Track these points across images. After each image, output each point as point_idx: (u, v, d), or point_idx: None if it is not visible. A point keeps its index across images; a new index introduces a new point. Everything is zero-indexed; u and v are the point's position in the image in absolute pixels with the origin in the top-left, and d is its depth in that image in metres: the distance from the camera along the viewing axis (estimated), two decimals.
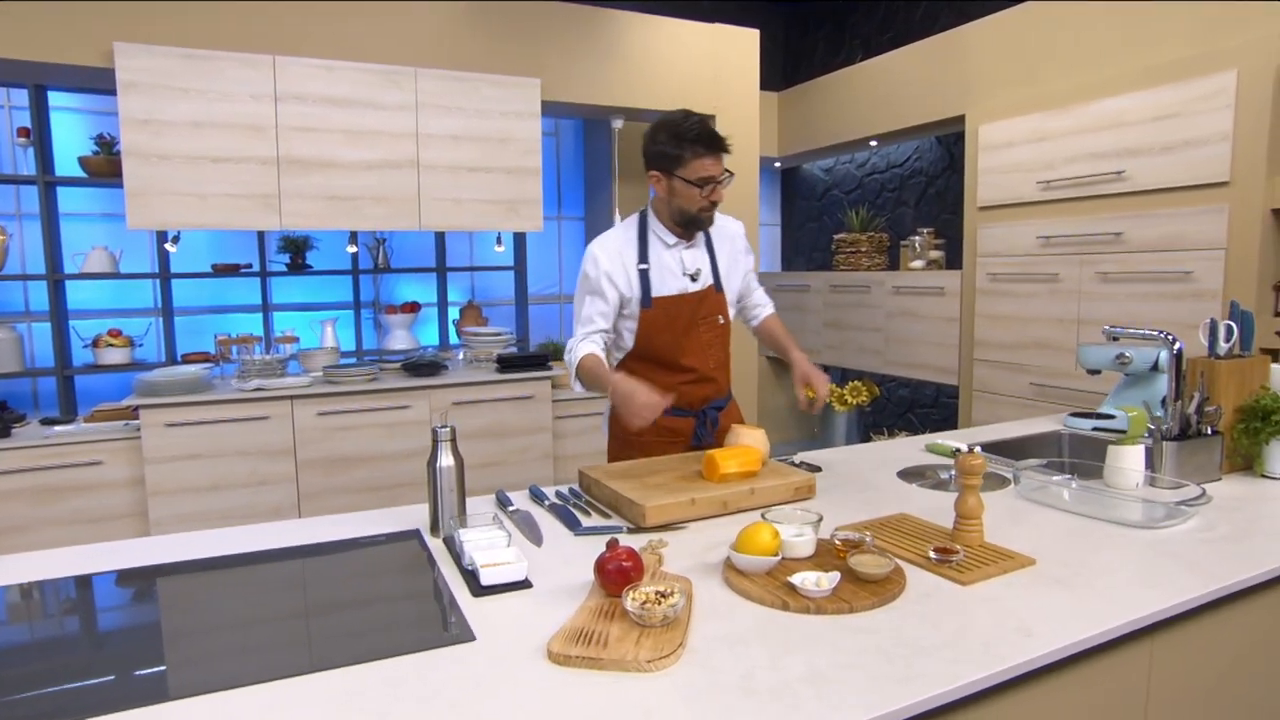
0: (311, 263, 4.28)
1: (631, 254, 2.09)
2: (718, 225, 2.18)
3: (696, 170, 1.96)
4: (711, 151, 1.96)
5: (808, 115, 5.21)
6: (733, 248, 2.21)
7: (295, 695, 1.03)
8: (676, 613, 1.19)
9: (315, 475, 3.37)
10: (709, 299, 2.14)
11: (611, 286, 2.08)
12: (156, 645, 1.23)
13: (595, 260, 2.08)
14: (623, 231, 2.14)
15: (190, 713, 0.99)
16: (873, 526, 1.63)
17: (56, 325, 3.68)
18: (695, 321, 2.13)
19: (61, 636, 1.30)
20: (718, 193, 2.01)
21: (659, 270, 2.10)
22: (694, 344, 2.14)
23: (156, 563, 1.50)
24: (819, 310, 5.04)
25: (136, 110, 3.05)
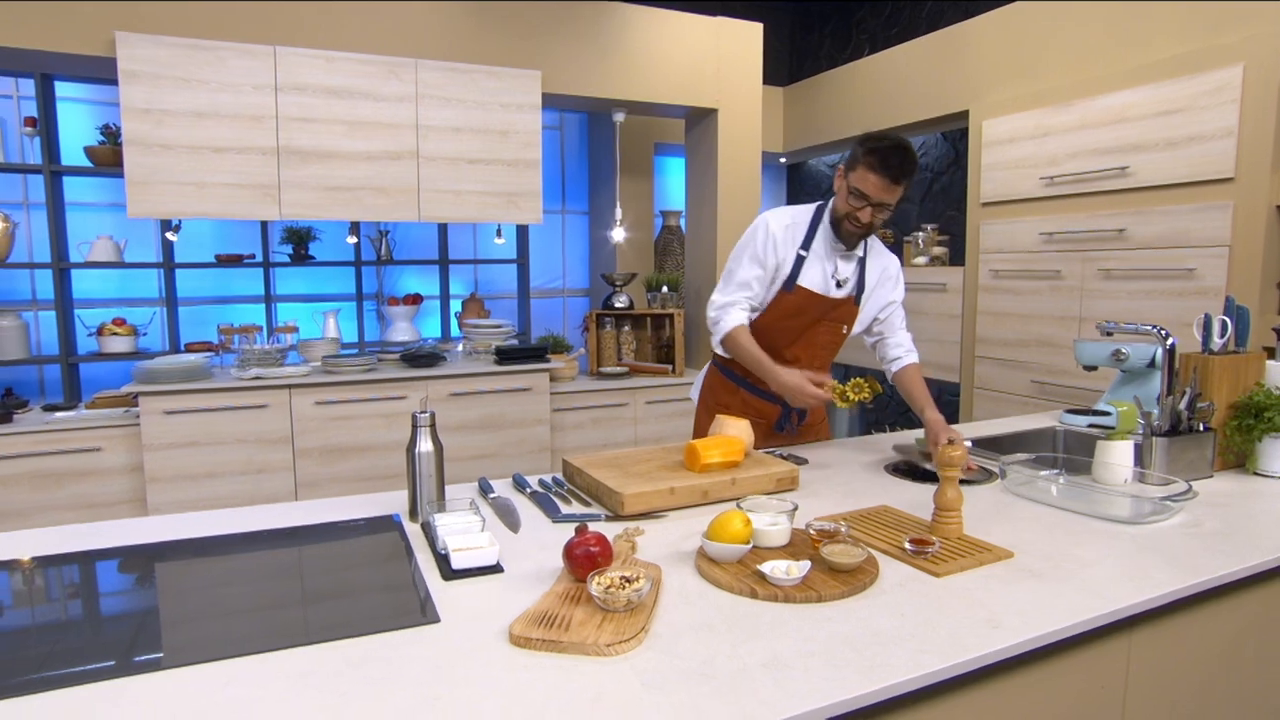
0: (314, 254, 4.31)
1: (800, 235, 2.14)
2: (876, 251, 2.25)
3: (861, 180, 1.99)
4: (881, 170, 1.95)
5: (813, 111, 5.18)
6: (882, 278, 2.25)
7: (253, 673, 1.03)
8: (640, 598, 1.19)
9: (312, 464, 3.39)
10: (844, 306, 2.20)
11: (773, 255, 2.12)
12: (118, 624, 1.23)
13: (766, 225, 2.13)
14: (799, 212, 2.19)
15: (144, 688, 0.99)
16: (852, 518, 1.62)
17: (61, 313, 3.72)
18: (821, 320, 2.19)
19: (31, 611, 1.31)
20: (866, 212, 2.02)
21: (815, 262, 2.14)
22: (809, 339, 2.21)
23: (136, 543, 1.51)
24: None
25: (138, 100, 3.07)
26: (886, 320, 2.32)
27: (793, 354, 2.23)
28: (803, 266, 2.15)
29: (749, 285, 2.16)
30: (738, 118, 4.24)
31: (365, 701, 0.96)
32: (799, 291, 2.16)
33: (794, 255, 2.15)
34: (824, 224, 2.17)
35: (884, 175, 1.96)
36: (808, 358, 2.24)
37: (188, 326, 4.14)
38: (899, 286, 2.32)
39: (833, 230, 2.14)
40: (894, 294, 2.30)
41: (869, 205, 2.01)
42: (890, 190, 1.99)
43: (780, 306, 2.18)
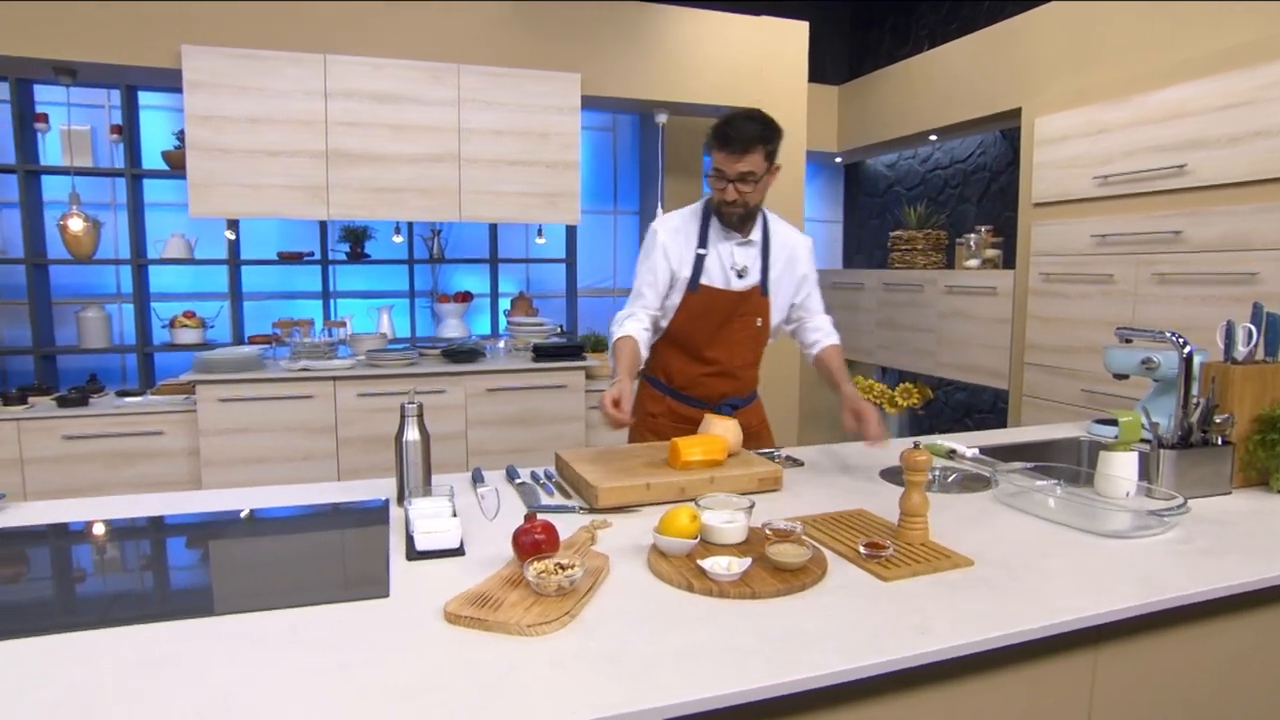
0: (370, 252, 4.50)
1: (693, 236, 2.13)
2: (780, 233, 2.20)
3: (715, 162, 2.00)
4: (721, 143, 1.96)
5: (866, 109, 5.08)
6: (790, 259, 2.20)
7: (200, 631, 1.12)
8: (572, 584, 1.23)
9: (355, 452, 3.56)
10: (751, 299, 2.16)
11: (665, 260, 2.11)
12: (90, 583, 1.35)
13: (655, 234, 2.14)
14: (688, 212, 2.18)
15: (89, 640, 1.09)
16: (823, 520, 1.61)
17: (139, 306, 4.01)
18: (732, 317, 2.16)
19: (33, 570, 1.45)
20: (729, 190, 2.00)
21: (714, 258, 2.13)
22: (725, 338, 2.17)
23: (141, 515, 1.64)
24: (872, 309, 4.92)
25: (200, 107, 3.30)
26: (802, 304, 2.27)
27: (712, 355, 2.20)
28: (704, 265, 2.13)
29: (642, 294, 2.15)
30: (781, 117, 4.14)
31: (288, 663, 1.04)
32: (703, 291, 2.13)
33: (692, 256, 2.13)
34: (714, 219, 2.14)
35: (725, 148, 1.95)
36: (728, 357, 2.21)
37: (252, 320, 4.40)
38: (810, 265, 2.25)
39: (718, 219, 2.12)
40: (804, 278, 2.24)
41: (727, 182, 1.99)
42: (737, 160, 1.96)
43: (688, 308, 2.15)
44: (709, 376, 2.20)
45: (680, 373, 2.23)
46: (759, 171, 1.99)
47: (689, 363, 2.21)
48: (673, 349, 2.22)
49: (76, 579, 1.42)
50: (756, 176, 1.99)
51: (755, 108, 2.06)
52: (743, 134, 1.95)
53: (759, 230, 2.17)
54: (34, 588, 1.36)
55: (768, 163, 2.01)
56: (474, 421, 3.75)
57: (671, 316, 2.18)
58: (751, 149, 1.96)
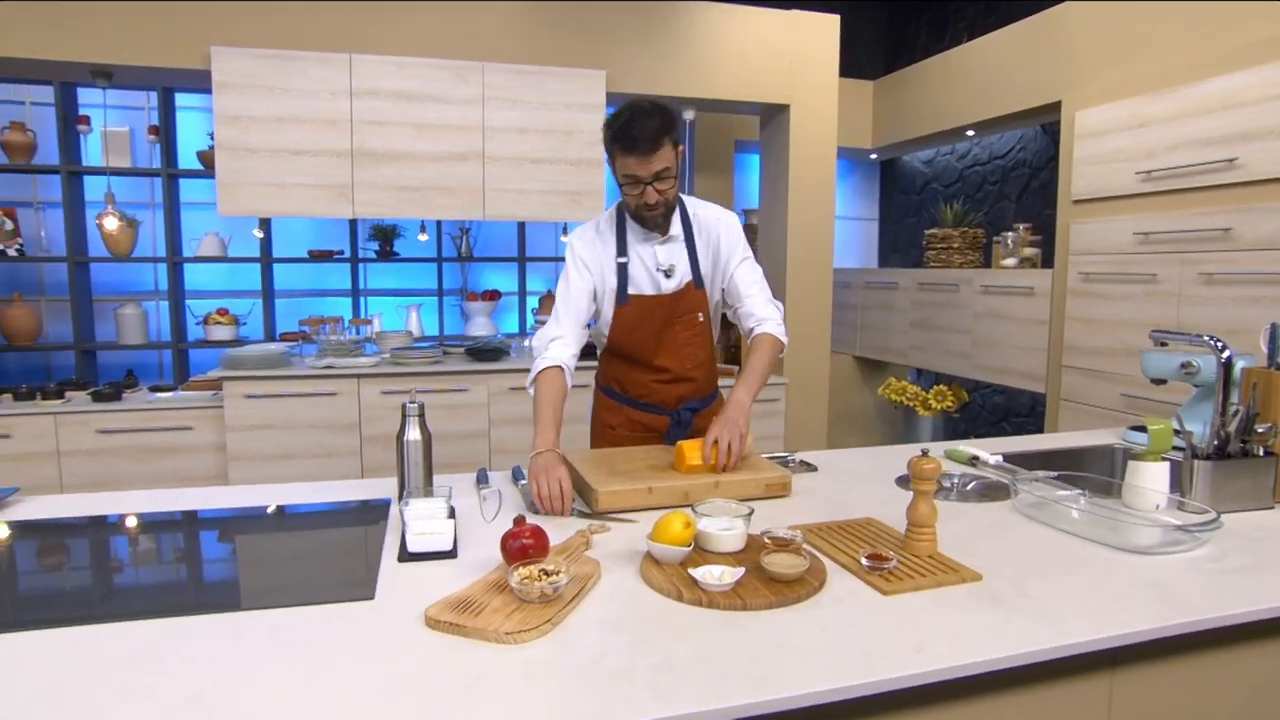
0: (399, 251, 4.54)
1: (609, 246, 2.02)
2: (700, 217, 2.06)
3: (620, 167, 1.85)
4: (627, 148, 1.79)
5: (902, 104, 4.96)
6: (716, 239, 2.04)
7: (181, 630, 1.12)
8: (556, 591, 1.19)
9: (378, 450, 3.58)
10: (686, 297, 2.04)
11: (585, 275, 2.00)
12: (67, 578, 1.36)
13: (571, 247, 2.03)
14: (602, 220, 2.06)
15: (59, 638, 1.09)
16: (828, 529, 1.55)
17: (174, 303, 4.10)
18: (671, 321, 2.04)
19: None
20: (652, 193, 1.85)
21: (636, 265, 2.01)
22: (669, 343, 2.06)
23: (145, 511, 1.65)
24: (906, 309, 4.80)
25: (228, 108, 3.35)
26: (730, 289, 2.05)
27: (660, 363, 2.09)
28: (628, 273, 2.01)
29: (560, 316, 2.00)
30: (812, 113, 4.12)
31: (263, 665, 1.02)
32: (633, 301, 2.01)
33: (613, 266, 2.00)
34: (630, 223, 2.01)
35: (633, 151, 1.80)
36: (676, 363, 2.08)
37: (284, 317, 4.46)
38: (732, 241, 2.04)
39: (638, 223, 1.99)
40: (734, 258, 2.03)
41: (644, 185, 1.84)
42: (649, 160, 1.80)
43: (622, 321, 2.04)
44: (662, 383, 2.10)
45: (633, 382, 2.12)
46: (673, 165, 1.85)
47: (639, 371, 2.10)
48: (620, 361, 2.12)
49: (58, 575, 1.43)
50: (672, 171, 1.85)
51: (643, 98, 1.90)
52: (648, 131, 1.78)
53: (678, 222, 2.02)
54: (19, 582, 1.37)
55: (676, 151, 1.86)
56: (496, 420, 3.74)
57: (608, 331, 2.07)
58: (660, 144, 1.80)
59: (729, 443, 1.75)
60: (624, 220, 2.03)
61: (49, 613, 1.21)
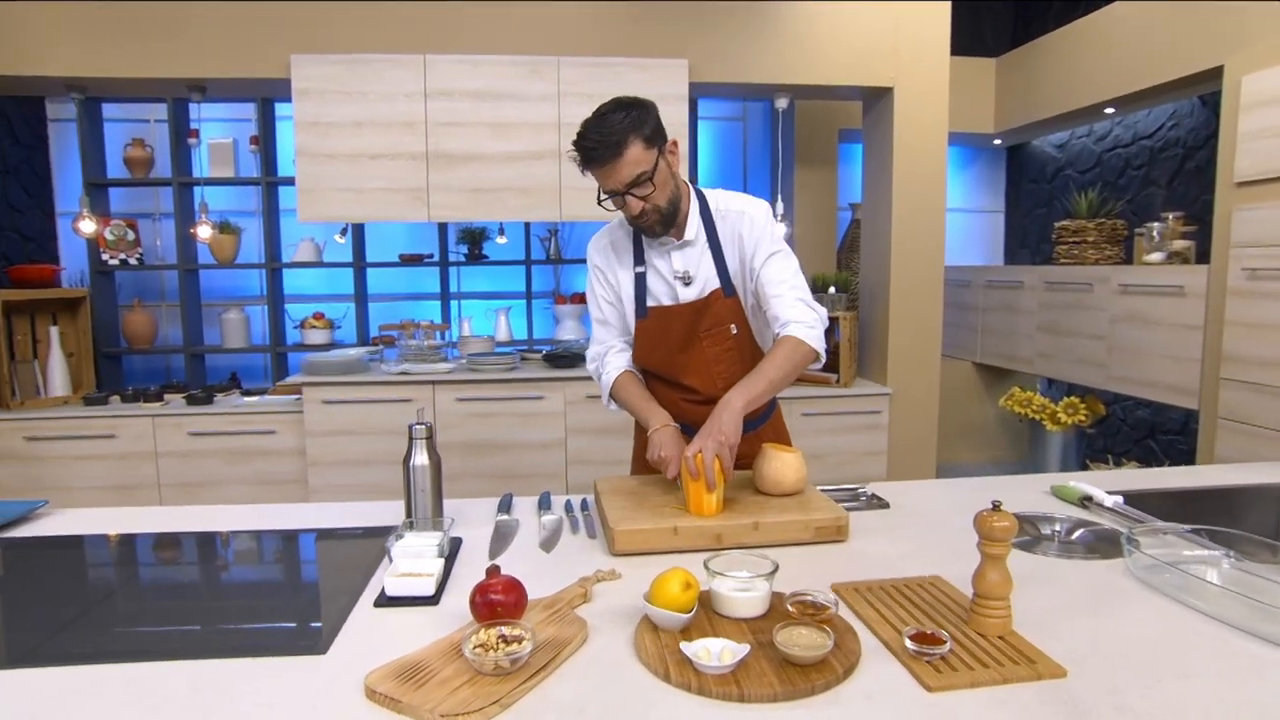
0: (488, 253, 4.50)
1: (626, 253, 1.83)
2: (722, 209, 1.79)
3: (596, 181, 1.66)
4: (590, 165, 1.61)
5: (1031, 82, 4.44)
6: (740, 236, 1.77)
7: (90, 681, 1.02)
8: (516, 663, 1.01)
9: (454, 458, 3.52)
10: (714, 305, 1.79)
11: (607, 286, 1.86)
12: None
13: (590, 257, 1.89)
14: (619, 228, 1.86)
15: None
16: (881, 589, 1.28)
17: (273, 308, 4.22)
18: (696, 334, 1.81)
19: None
20: (634, 203, 1.63)
21: (653, 273, 1.81)
22: (696, 360, 1.82)
23: (125, 531, 1.60)
24: (1032, 311, 4.29)
25: (308, 114, 3.37)
26: (757, 288, 1.79)
27: (689, 382, 1.84)
28: (646, 284, 1.81)
29: (605, 322, 1.89)
30: (918, 95, 3.73)
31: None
32: (652, 314, 1.81)
33: (631, 276, 1.81)
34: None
35: (592, 163, 1.60)
36: (706, 382, 1.82)
37: (377, 321, 4.51)
38: (757, 234, 1.76)
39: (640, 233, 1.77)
40: (762, 254, 1.76)
41: (624, 196, 1.62)
42: (614, 168, 1.58)
43: (643, 337, 1.84)
44: (691, 404, 1.85)
45: (663, 399, 1.87)
46: (648, 166, 1.60)
47: (666, 390, 1.88)
48: (648, 377, 1.93)
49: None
50: (649, 173, 1.60)
51: (609, 100, 1.64)
52: (606, 135, 1.56)
53: (695, 222, 1.76)
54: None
55: (653, 149, 1.61)
56: (573, 429, 3.60)
57: (633, 347, 1.89)
58: (624, 147, 1.56)
59: (713, 455, 1.50)
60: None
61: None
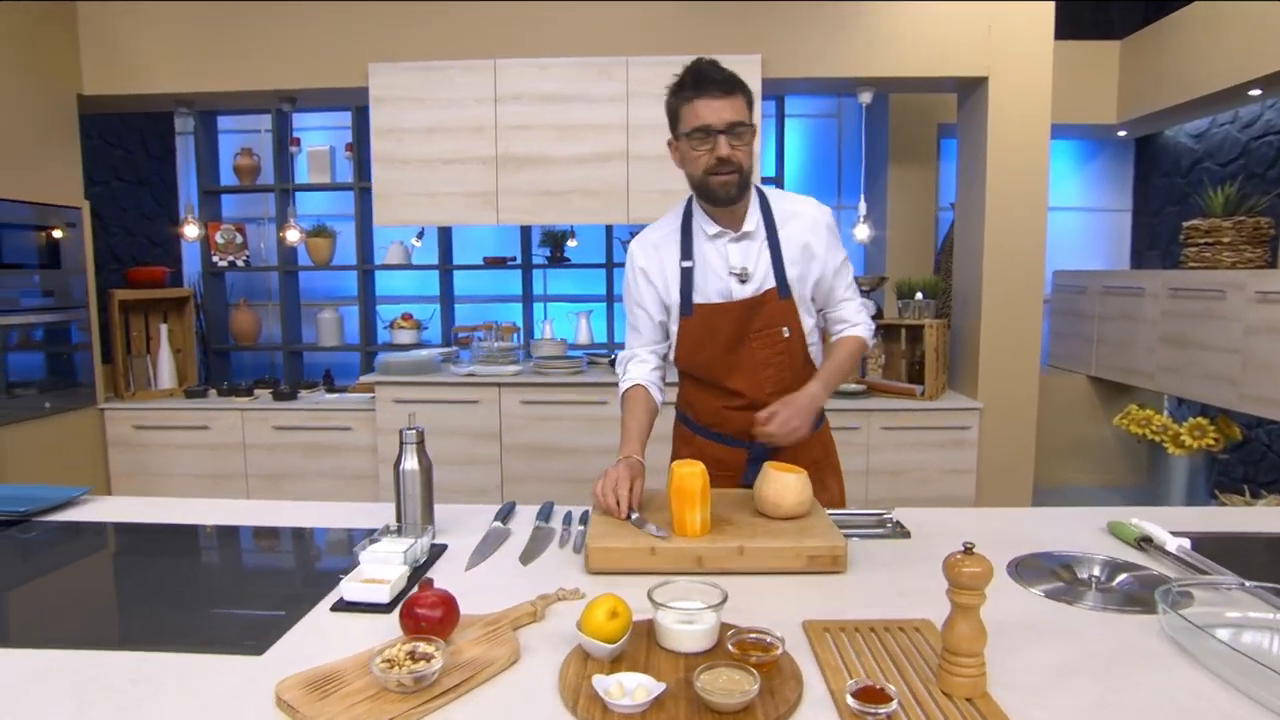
0: (571, 256, 4.51)
1: (672, 249, 1.75)
2: (785, 209, 1.73)
3: (689, 120, 1.61)
4: (700, 93, 1.58)
5: (1161, 63, 3.98)
6: (805, 238, 1.71)
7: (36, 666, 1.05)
8: (418, 682, 0.97)
9: (518, 460, 3.54)
10: (768, 306, 1.71)
11: (649, 287, 1.77)
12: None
13: (631, 257, 1.81)
14: (665, 222, 1.81)
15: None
16: (859, 630, 1.14)
17: (364, 309, 4.41)
18: (746, 335, 1.72)
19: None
20: (723, 146, 1.58)
21: (702, 269, 1.73)
22: (744, 362, 1.74)
23: (118, 521, 1.67)
24: (1154, 321, 3.84)
25: (384, 121, 3.49)
26: (825, 295, 1.79)
27: (734, 386, 1.74)
28: (692, 280, 1.72)
29: (637, 329, 1.82)
30: (1016, 85, 3.41)
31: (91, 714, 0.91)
32: (699, 312, 1.72)
33: (677, 271, 1.73)
34: (696, 216, 1.75)
35: (705, 90, 1.57)
36: (753, 386, 1.74)
37: (464, 322, 4.62)
38: (826, 240, 1.73)
39: (708, 201, 1.69)
40: (829, 258, 1.74)
41: (715, 135, 1.57)
42: (724, 103, 1.56)
43: (686, 337, 1.75)
44: (735, 410, 1.76)
45: (704, 407, 1.82)
46: (748, 122, 1.60)
47: (709, 395, 1.80)
48: (689, 380, 1.86)
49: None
50: (747, 127, 1.60)
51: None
52: (724, 72, 1.59)
53: (755, 216, 1.72)
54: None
55: (751, 112, 1.63)
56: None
57: (675, 347, 1.80)
58: (735, 89, 1.59)
59: (779, 427, 1.59)
60: (690, 219, 1.77)
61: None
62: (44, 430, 3.37)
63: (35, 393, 3.36)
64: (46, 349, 3.42)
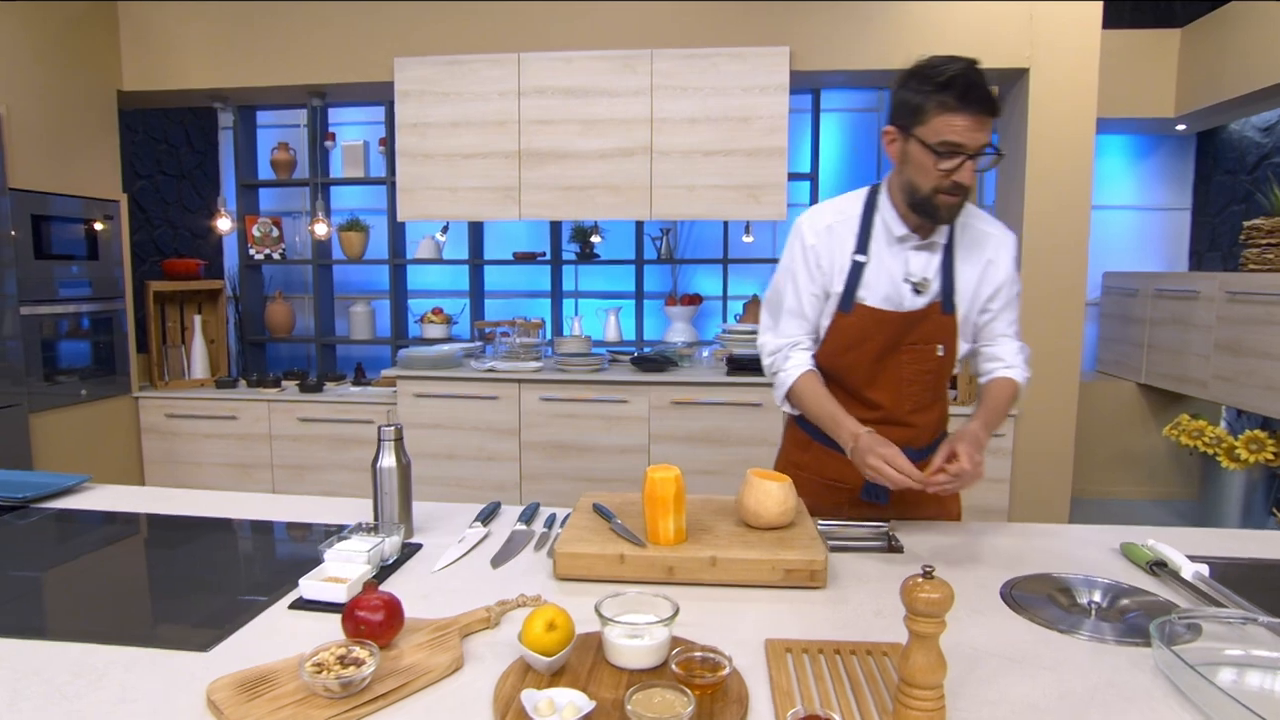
0: (600, 253, 4.47)
1: (848, 237, 1.60)
2: (974, 229, 1.61)
3: (938, 130, 1.41)
4: (964, 108, 1.39)
5: (1226, 51, 3.75)
6: (988, 263, 1.60)
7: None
8: (345, 688, 0.94)
9: (537, 457, 3.52)
10: (929, 320, 1.59)
11: (816, 270, 1.61)
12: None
13: (800, 235, 1.63)
14: (844, 204, 1.64)
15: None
16: (823, 651, 1.07)
17: (395, 302, 4.45)
18: (899, 346, 1.61)
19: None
20: (968, 172, 1.43)
21: (876, 268, 1.59)
22: (891, 374, 1.62)
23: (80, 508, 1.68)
24: (1209, 326, 3.62)
25: (408, 116, 3.50)
26: (986, 325, 1.64)
27: (874, 396, 1.62)
28: (861, 276, 1.58)
29: (800, 314, 1.64)
30: (1059, 77, 3.25)
31: (20, 703, 0.93)
32: (858, 311, 1.59)
33: (848, 263, 1.59)
34: (883, 210, 1.59)
35: (965, 108, 1.38)
36: (894, 400, 1.62)
37: (494, 317, 4.62)
38: (1010, 272, 1.62)
39: (925, 216, 1.52)
40: (1005, 288, 1.62)
41: (963, 159, 1.40)
42: (982, 126, 1.40)
43: (839, 334, 1.61)
44: (869, 423, 1.59)
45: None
46: (996, 147, 1.47)
47: (843, 402, 1.64)
48: (828, 384, 1.70)
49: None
50: (994, 153, 1.45)
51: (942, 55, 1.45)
52: (988, 89, 1.41)
53: (945, 227, 1.59)
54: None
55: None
56: (657, 436, 3.49)
57: (819, 344, 1.67)
58: (996, 113, 1.43)
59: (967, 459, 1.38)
60: (873, 209, 1.61)
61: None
62: (81, 416, 3.48)
63: (76, 380, 3.47)
64: (85, 338, 3.53)
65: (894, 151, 1.52)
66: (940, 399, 1.69)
